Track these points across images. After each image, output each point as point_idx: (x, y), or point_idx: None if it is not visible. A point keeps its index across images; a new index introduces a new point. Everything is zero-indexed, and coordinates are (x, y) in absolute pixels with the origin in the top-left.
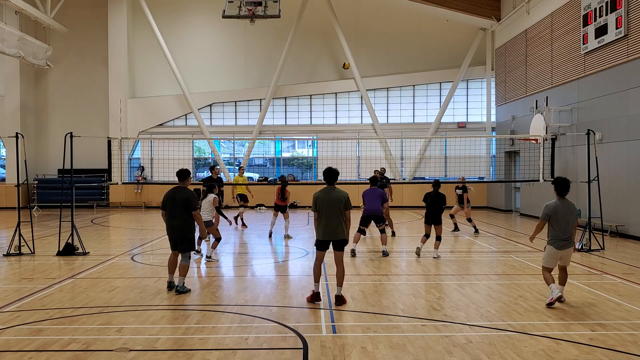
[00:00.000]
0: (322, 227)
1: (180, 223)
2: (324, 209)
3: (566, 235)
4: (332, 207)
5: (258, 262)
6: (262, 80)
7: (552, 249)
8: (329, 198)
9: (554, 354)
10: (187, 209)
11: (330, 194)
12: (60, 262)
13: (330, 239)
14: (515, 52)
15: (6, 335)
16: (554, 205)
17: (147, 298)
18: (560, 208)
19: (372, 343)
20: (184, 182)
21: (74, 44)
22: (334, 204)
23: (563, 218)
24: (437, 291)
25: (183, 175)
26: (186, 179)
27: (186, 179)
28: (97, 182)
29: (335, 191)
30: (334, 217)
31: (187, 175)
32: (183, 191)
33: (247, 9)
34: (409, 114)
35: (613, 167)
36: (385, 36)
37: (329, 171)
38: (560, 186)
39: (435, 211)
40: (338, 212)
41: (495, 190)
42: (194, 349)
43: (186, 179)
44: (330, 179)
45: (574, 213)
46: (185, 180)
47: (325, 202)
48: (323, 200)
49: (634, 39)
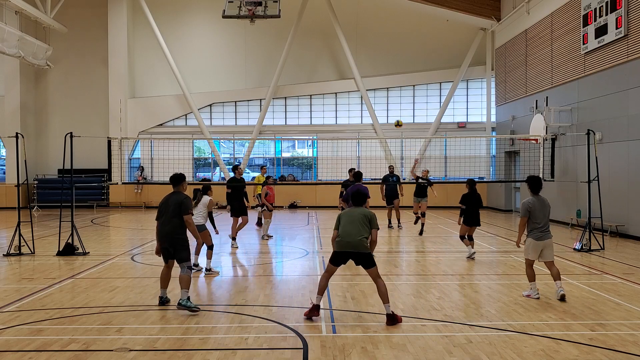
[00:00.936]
0: (340, 236)
1: (171, 229)
2: (345, 221)
3: (544, 227)
4: (355, 219)
5: (258, 262)
6: (262, 80)
7: (531, 241)
8: (354, 213)
9: (554, 354)
10: (179, 213)
11: (355, 210)
12: (60, 262)
13: (349, 250)
14: (515, 52)
15: (6, 335)
16: (531, 201)
17: (147, 298)
18: (537, 204)
19: (372, 343)
20: (178, 187)
21: (74, 44)
22: (357, 217)
23: (540, 212)
24: (437, 291)
25: (177, 180)
26: (180, 183)
27: (180, 184)
28: (97, 182)
29: (360, 209)
30: (355, 228)
31: (182, 180)
32: (177, 195)
33: (247, 9)
34: (409, 114)
35: (613, 167)
36: (385, 36)
37: (358, 192)
38: (534, 184)
39: (477, 212)
40: (361, 225)
41: (495, 190)
42: (194, 349)
43: (180, 183)
44: (358, 201)
45: (548, 207)
46: (180, 185)
47: (349, 216)
48: (346, 216)
49: (634, 39)
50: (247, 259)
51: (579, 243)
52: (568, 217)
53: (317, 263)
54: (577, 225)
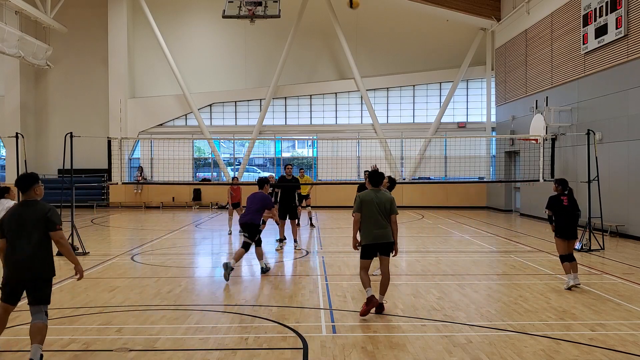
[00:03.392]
0: (370, 229)
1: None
2: (369, 211)
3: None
4: (380, 208)
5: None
6: (262, 80)
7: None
8: (377, 199)
9: (554, 354)
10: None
11: (378, 195)
12: (60, 262)
13: (380, 241)
14: (515, 52)
15: (6, 335)
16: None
17: (147, 298)
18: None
19: (372, 343)
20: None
21: (74, 44)
22: (382, 204)
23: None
24: (437, 291)
25: (28, 183)
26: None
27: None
28: (97, 182)
29: (381, 193)
30: (382, 219)
31: (34, 182)
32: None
33: (247, 9)
34: (409, 114)
35: (613, 167)
36: (385, 36)
37: (375, 173)
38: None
39: (574, 220)
40: (386, 214)
41: (495, 190)
42: (194, 349)
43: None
44: (376, 182)
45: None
46: (31, 189)
47: (373, 203)
48: (369, 202)
49: (634, 39)
50: (247, 259)
51: (579, 243)
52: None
53: (317, 263)
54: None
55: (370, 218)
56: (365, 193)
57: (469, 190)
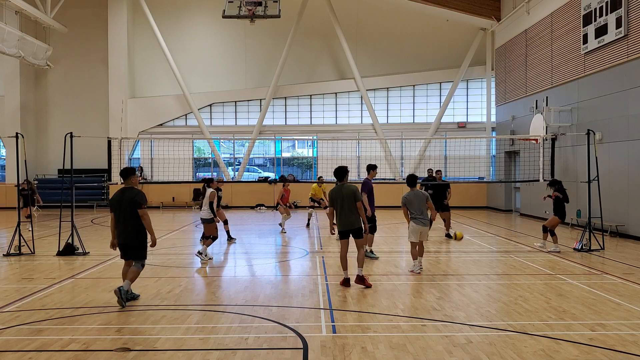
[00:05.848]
0: (340, 219)
1: (124, 227)
2: (338, 204)
3: None
4: (345, 201)
5: (258, 262)
6: (262, 80)
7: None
8: (342, 194)
9: (554, 354)
10: (133, 209)
11: (342, 190)
12: (60, 262)
13: (348, 229)
14: (515, 52)
15: (6, 335)
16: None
17: (147, 298)
18: None
19: (372, 343)
20: (127, 180)
21: (74, 44)
22: (347, 198)
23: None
24: (437, 291)
25: (126, 174)
26: (130, 177)
27: (130, 177)
28: (97, 182)
29: (344, 187)
30: (348, 210)
31: (132, 174)
32: (130, 191)
33: (247, 9)
34: (409, 114)
35: (613, 167)
36: (385, 36)
37: (339, 169)
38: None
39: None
40: (351, 205)
41: (495, 190)
42: (194, 349)
43: (130, 177)
44: (340, 176)
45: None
46: (129, 178)
47: (340, 197)
48: (335, 197)
49: (634, 39)
50: (247, 259)
51: (579, 243)
52: (568, 217)
53: (317, 263)
54: (577, 225)
55: (341, 210)
56: (333, 190)
57: (469, 190)
